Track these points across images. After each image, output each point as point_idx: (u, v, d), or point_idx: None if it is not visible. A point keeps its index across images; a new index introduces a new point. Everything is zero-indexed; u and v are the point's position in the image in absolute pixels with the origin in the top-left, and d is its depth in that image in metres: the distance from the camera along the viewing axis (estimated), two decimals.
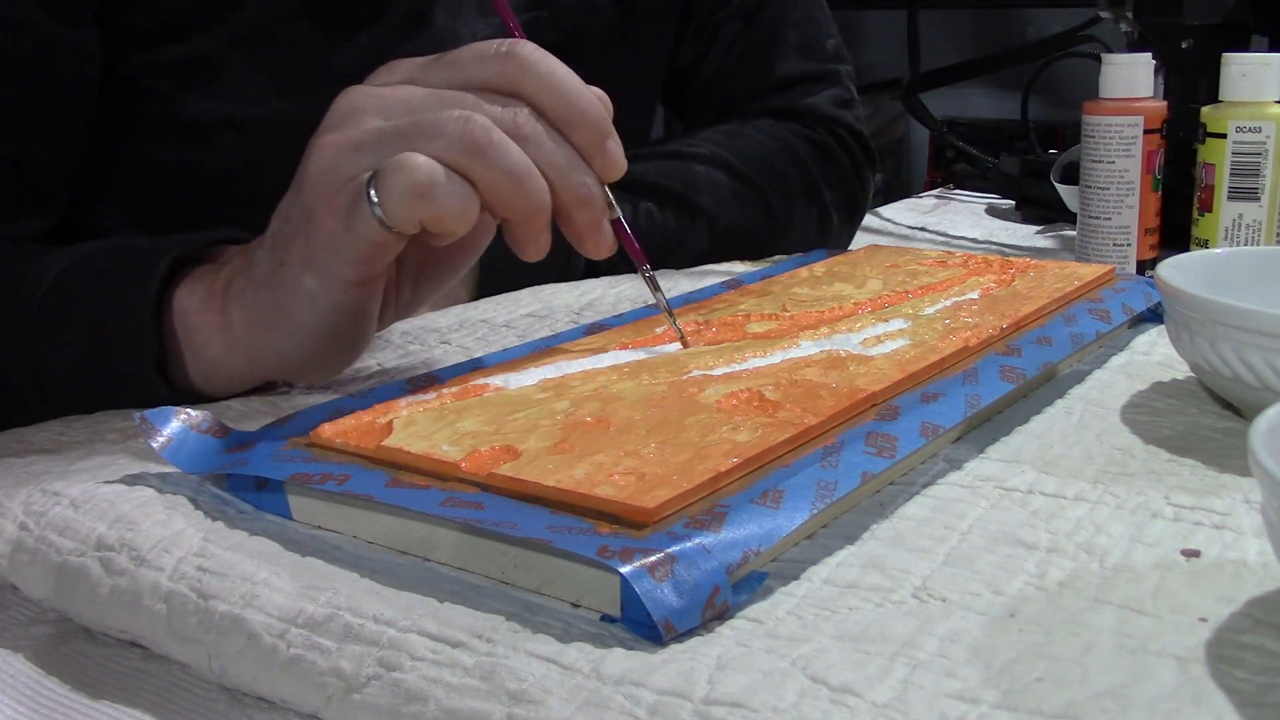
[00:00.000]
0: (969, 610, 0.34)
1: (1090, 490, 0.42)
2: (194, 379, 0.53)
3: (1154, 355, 0.58)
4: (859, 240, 0.93)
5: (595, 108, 0.48)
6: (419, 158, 0.45)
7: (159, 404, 0.45)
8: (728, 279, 0.67)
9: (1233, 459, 0.44)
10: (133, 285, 0.52)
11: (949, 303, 0.59)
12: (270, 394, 0.55)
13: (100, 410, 0.53)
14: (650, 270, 0.53)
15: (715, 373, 0.48)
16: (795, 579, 0.36)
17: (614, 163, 0.49)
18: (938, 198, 1.23)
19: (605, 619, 0.34)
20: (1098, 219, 0.77)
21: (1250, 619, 0.33)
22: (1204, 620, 0.33)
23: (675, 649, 0.32)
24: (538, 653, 0.32)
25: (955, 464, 0.45)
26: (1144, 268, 0.77)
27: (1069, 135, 1.01)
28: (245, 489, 0.42)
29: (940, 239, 1.01)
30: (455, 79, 0.47)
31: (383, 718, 0.32)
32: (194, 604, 0.36)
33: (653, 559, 0.33)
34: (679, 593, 0.33)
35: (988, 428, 0.49)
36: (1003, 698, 0.30)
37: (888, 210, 1.16)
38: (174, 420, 0.44)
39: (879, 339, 0.52)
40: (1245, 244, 0.73)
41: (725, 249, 0.82)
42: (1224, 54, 0.73)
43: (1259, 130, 0.71)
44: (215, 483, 0.43)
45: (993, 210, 1.12)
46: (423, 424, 0.42)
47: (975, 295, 0.60)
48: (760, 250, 0.83)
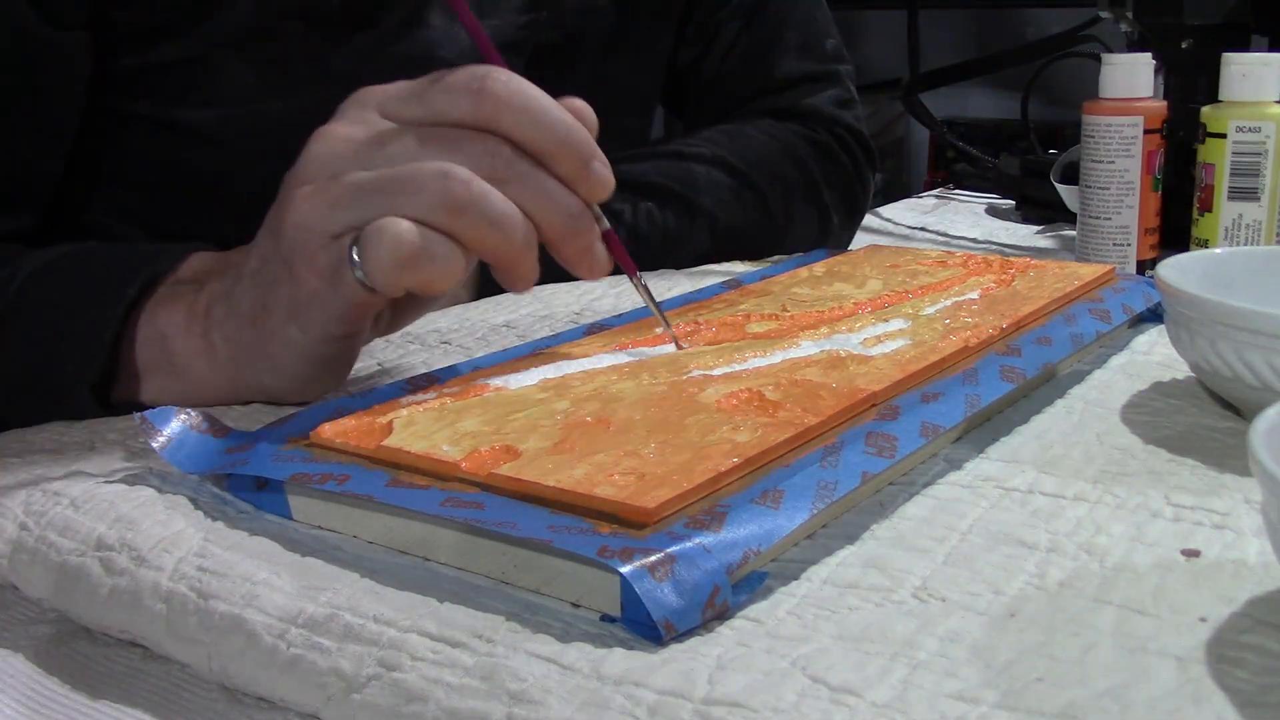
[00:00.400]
0: (969, 610, 0.34)
1: (1090, 490, 0.42)
2: (167, 398, 0.52)
3: (1154, 355, 0.58)
4: (859, 240, 0.93)
5: (576, 133, 0.47)
6: (401, 225, 0.44)
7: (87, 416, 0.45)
8: (728, 279, 0.67)
9: (1233, 459, 0.44)
10: (98, 305, 0.52)
11: (949, 303, 0.59)
12: None
13: (38, 423, 0.53)
14: (643, 278, 0.52)
15: (715, 373, 0.48)
16: (795, 579, 0.36)
17: (601, 184, 0.48)
18: (938, 198, 1.24)
19: (605, 619, 0.34)
20: (1098, 219, 0.77)
21: (1250, 619, 0.33)
22: (1204, 620, 0.33)
23: (675, 649, 0.32)
24: (538, 653, 0.32)
25: (955, 464, 0.45)
26: (1144, 268, 0.77)
27: (1069, 135, 1.01)
28: (245, 489, 0.42)
29: (940, 239, 1.01)
30: (428, 116, 0.46)
31: (383, 718, 0.32)
32: (194, 604, 0.36)
33: (653, 559, 0.33)
34: (679, 593, 0.33)
35: (988, 428, 0.49)
36: (1003, 698, 0.30)
37: (888, 210, 1.16)
38: (174, 420, 0.44)
39: (879, 339, 0.52)
40: (1245, 244, 0.73)
41: (725, 249, 0.82)
42: (1224, 54, 0.73)
43: (1259, 130, 0.71)
44: (215, 483, 0.43)
45: (993, 210, 1.12)
46: (423, 424, 0.42)
47: (975, 295, 0.60)
48: (760, 250, 0.83)
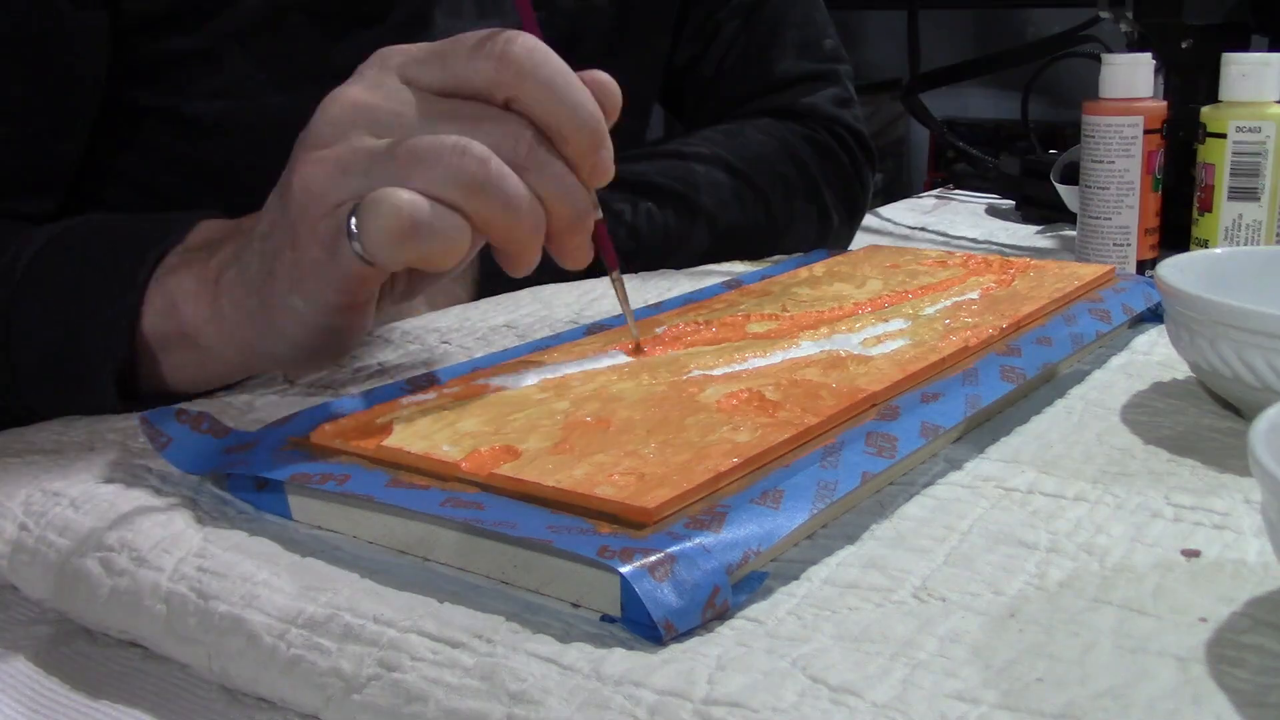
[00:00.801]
0: (969, 610, 0.34)
1: (1090, 490, 0.42)
2: (185, 372, 0.52)
3: (1154, 355, 0.58)
4: (859, 240, 0.93)
5: (593, 117, 0.45)
6: (402, 196, 0.42)
7: (110, 411, 0.44)
8: (728, 279, 0.67)
9: (1233, 459, 0.44)
10: (113, 290, 0.51)
11: (949, 303, 0.59)
12: (270, 393, 0.55)
13: (64, 413, 0.53)
14: (619, 276, 0.51)
15: (715, 373, 0.48)
16: (795, 579, 0.36)
17: (604, 170, 0.46)
18: (938, 198, 1.23)
19: (605, 619, 0.34)
20: (1098, 219, 0.77)
21: (1250, 619, 0.33)
22: (1204, 620, 0.33)
23: (675, 649, 0.32)
24: (538, 653, 0.32)
25: (955, 464, 0.45)
26: (1144, 268, 0.77)
27: (1069, 135, 1.01)
28: (245, 489, 0.42)
29: (940, 239, 1.01)
30: (448, 80, 0.45)
31: (383, 718, 0.32)
32: (194, 604, 0.36)
33: (653, 559, 0.33)
34: (679, 593, 0.33)
35: (988, 428, 0.49)
36: (1003, 698, 0.30)
37: (888, 210, 1.16)
38: (174, 420, 0.44)
39: (879, 339, 0.52)
40: (1245, 244, 0.73)
41: (725, 249, 0.82)
42: (1224, 54, 0.73)
43: (1259, 130, 0.71)
44: (215, 483, 0.43)
45: (993, 210, 1.12)
46: (423, 424, 0.42)
47: (975, 295, 0.60)
48: (760, 250, 0.83)
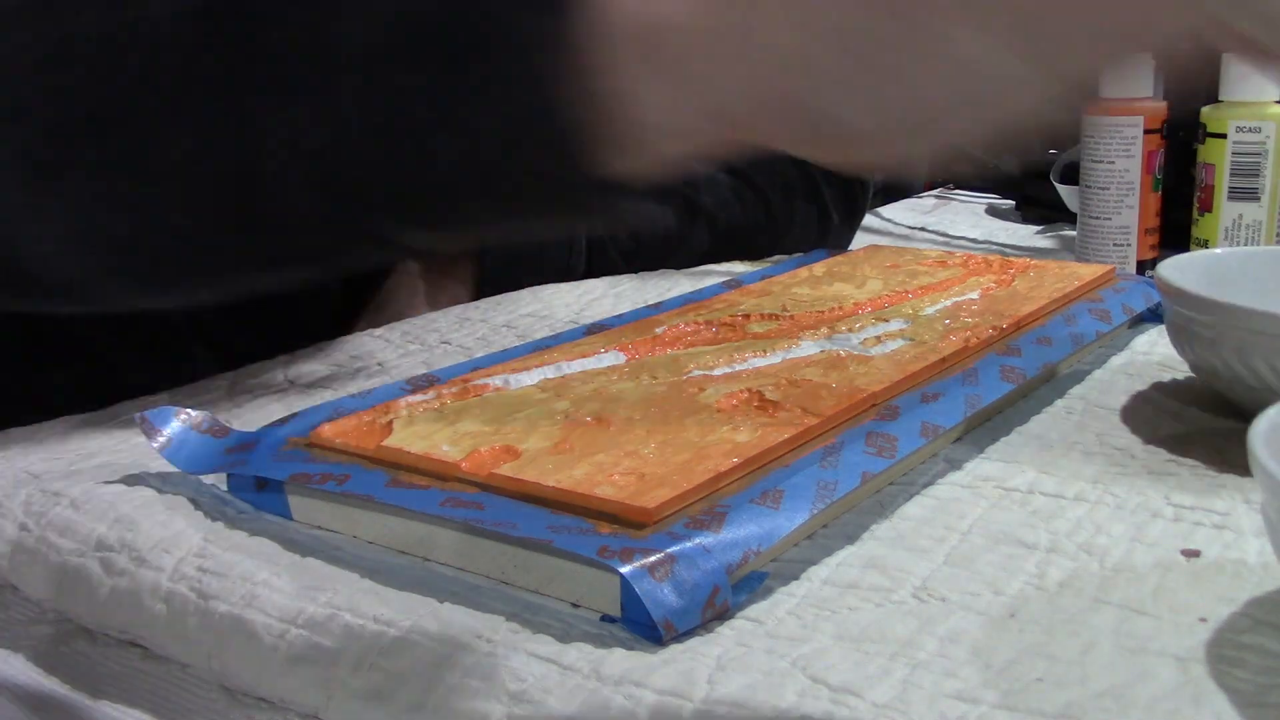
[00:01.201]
0: (969, 610, 0.34)
1: (1090, 490, 0.42)
2: (653, 112, 0.33)
3: (1154, 355, 0.58)
4: (859, 240, 0.93)
5: None
6: None
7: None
8: (728, 279, 0.67)
9: (1233, 459, 0.44)
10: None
11: (949, 303, 0.59)
12: (270, 393, 0.55)
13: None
14: None
15: (715, 373, 0.48)
16: (795, 579, 0.36)
17: None
18: (938, 198, 1.23)
19: (605, 619, 0.34)
20: (1098, 219, 0.77)
21: (1250, 619, 0.33)
22: (1204, 620, 0.33)
23: (675, 649, 0.32)
24: (538, 653, 0.32)
25: (955, 464, 0.45)
26: (1144, 268, 0.77)
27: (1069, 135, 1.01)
28: (245, 489, 0.42)
29: (940, 239, 1.01)
30: None
31: (383, 718, 0.32)
32: (194, 604, 0.36)
33: (653, 559, 0.33)
34: (679, 593, 0.33)
35: (988, 428, 0.49)
36: (1003, 698, 0.30)
37: (888, 210, 1.16)
38: (174, 420, 0.44)
39: (879, 339, 0.52)
40: (1245, 244, 0.73)
41: (725, 248, 0.82)
42: (1224, 54, 0.73)
43: (1259, 130, 0.71)
44: (215, 483, 0.43)
45: (993, 210, 1.12)
46: (423, 424, 0.42)
47: (975, 295, 0.60)
48: (760, 250, 0.83)
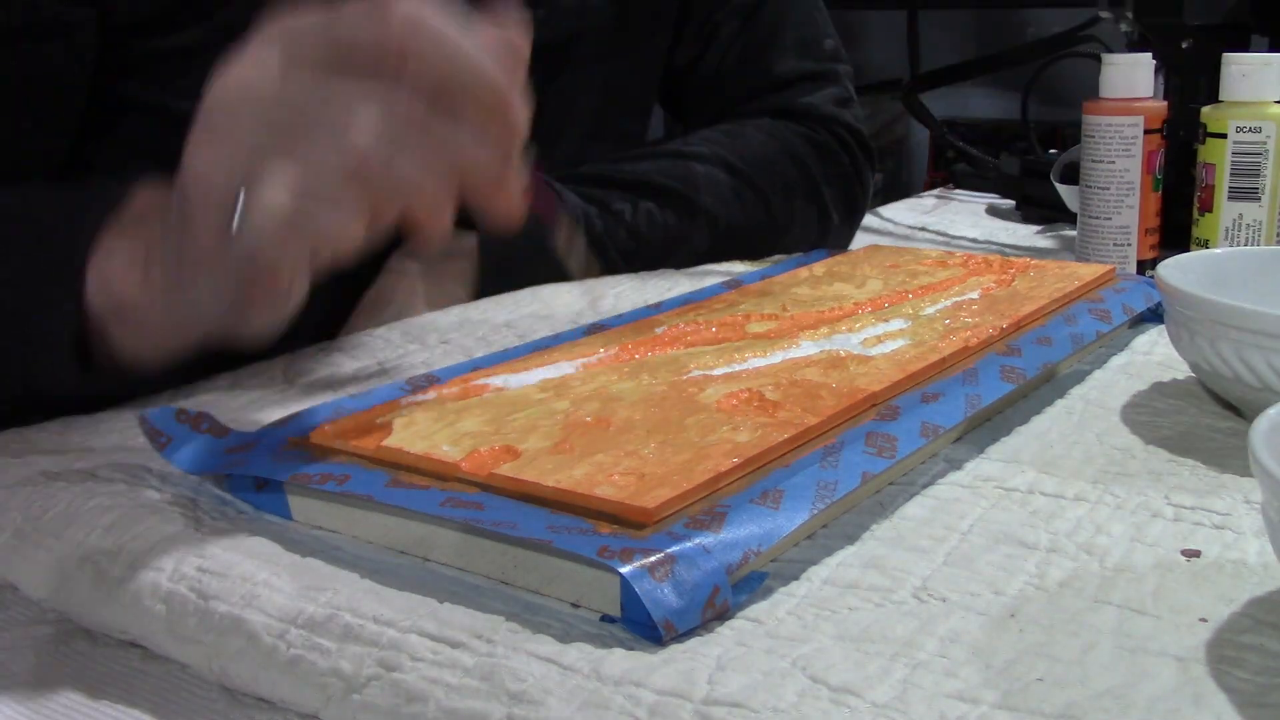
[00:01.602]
0: (969, 610, 0.34)
1: (1090, 490, 0.42)
2: (131, 342, 0.49)
3: (1154, 355, 0.58)
4: (859, 240, 0.93)
5: (489, 71, 0.42)
6: (280, 194, 0.40)
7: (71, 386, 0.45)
8: (728, 279, 0.67)
9: (1233, 459, 0.44)
10: (52, 285, 0.49)
11: (949, 303, 0.59)
12: (270, 393, 0.55)
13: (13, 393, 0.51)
14: (565, 217, 0.47)
15: (715, 373, 0.48)
16: (795, 579, 0.36)
17: (515, 127, 0.43)
18: (938, 198, 1.23)
19: (605, 619, 0.34)
20: (1098, 219, 0.77)
21: (1250, 619, 0.33)
22: (1204, 620, 0.33)
23: (675, 649, 0.32)
24: (538, 653, 0.32)
25: (955, 464, 0.45)
26: (1144, 268, 0.77)
27: (1069, 135, 1.01)
28: (245, 489, 0.42)
29: (940, 239, 1.01)
30: (336, 49, 0.41)
31: (383, 718, 0.32)
32: (194, 604, 0.36)
33: (653, 559, 0.33)
34: (679, 593, 0.33)
35: (988, 428, 0.49)
36: (1003, 698, 0.30)
37: (888, 210, 1.16)
38: (174, 420, 0.44)
39: (879, 339, 0.52)
40: (1245, 244, 0.73)
41: (725, 248, 0.82)
42: (1224, 54, 0.73)
43: (1259, 130, 0.71)
44: (215, 483, 0.43)
45: (993, 210, 1.12)
46: (423, 424, 0.42)
47: (975, 295, 0.60)
48: (760, 250, 0.83)
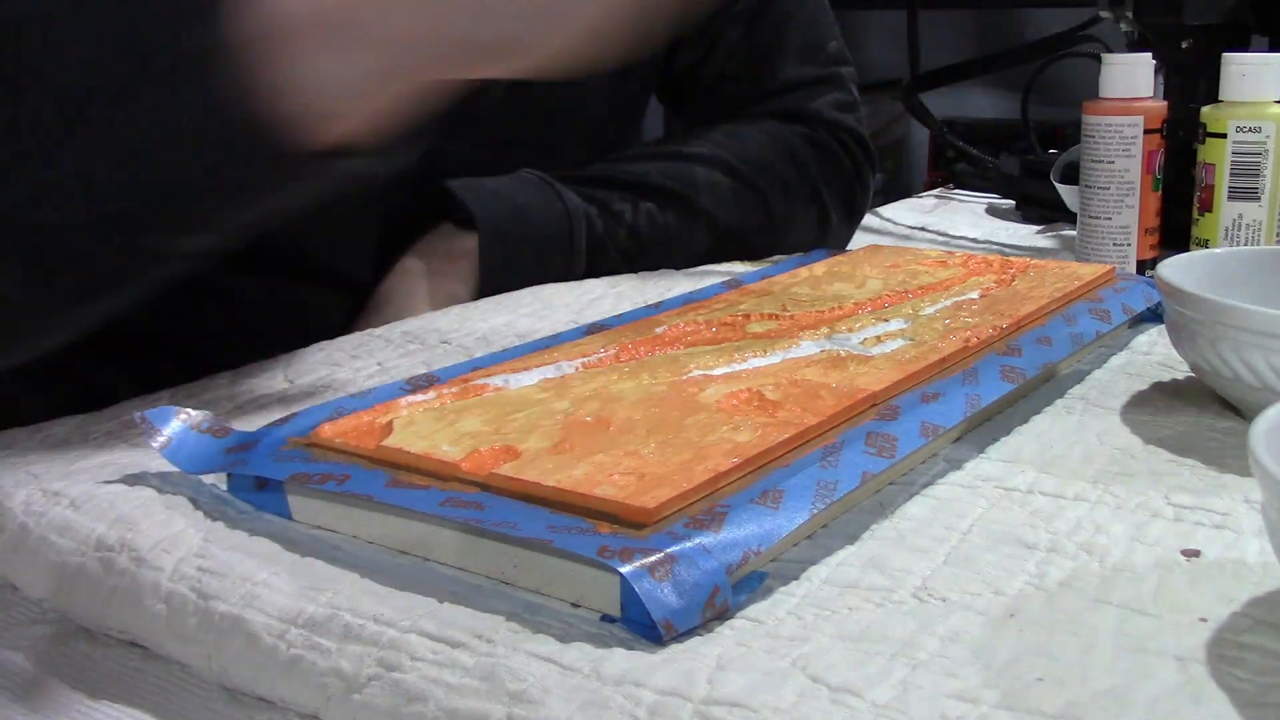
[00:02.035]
0: (969, 610, 0.34)
1: (1090, 490, 0.42)
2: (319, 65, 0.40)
3: (1154, 355, 0.58)
4: (859, 240, 0.93)
5: None
6: None
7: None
8: (728, 279, 0.67)
9: (1233, 459, 0.44)
10: None
11: (949, 303, 0.59)
12: (270, 393, 0.55)
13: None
14: None
15: (715, 373, 0.48)
16: (795, 579, 0.36)
17: None
18: (938, 198, 1.23)
19: (605, 619, 0.34)
20: (1098, 219, 0.77)
21: (1250, 619, 0.33)
22: (1204, 620, 0.33)
23: (675, 649, 0.32)
24: (538, 653, 0.32)
25: (955, 464, 0.45)
26: (1144, 268, 0.77)
27: (1069, 135, 1.01)
28: (245, 489, 0.42)
29: (940, 239, 1.01)
30: None
31: (383, 718, 0.32)
32: (194, 604, 0.36)
33: (653, 559, 0.33)
34: (679, 593, 0.33)
35: (988, 428, 0.49)
36: (1003, 698, 0.30)
37: (888, 210, 1.16)
38: (174, 420, 0.44)
39: (879, 339, 0.52)
40: (1245, 244, 0.73)
41: (725, 249, 0.82)
42: (1224, 54, 0.73)
43: (1259, 130, 0.71)
44: (215, 483, 0.43)
45: (993, 210, 1.12)
46: (423, 424, 0.42)
47: (975, 295, 0.60)
48: (760, 251, 0.83)
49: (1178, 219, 0.78)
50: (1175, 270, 0.51)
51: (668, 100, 0.97)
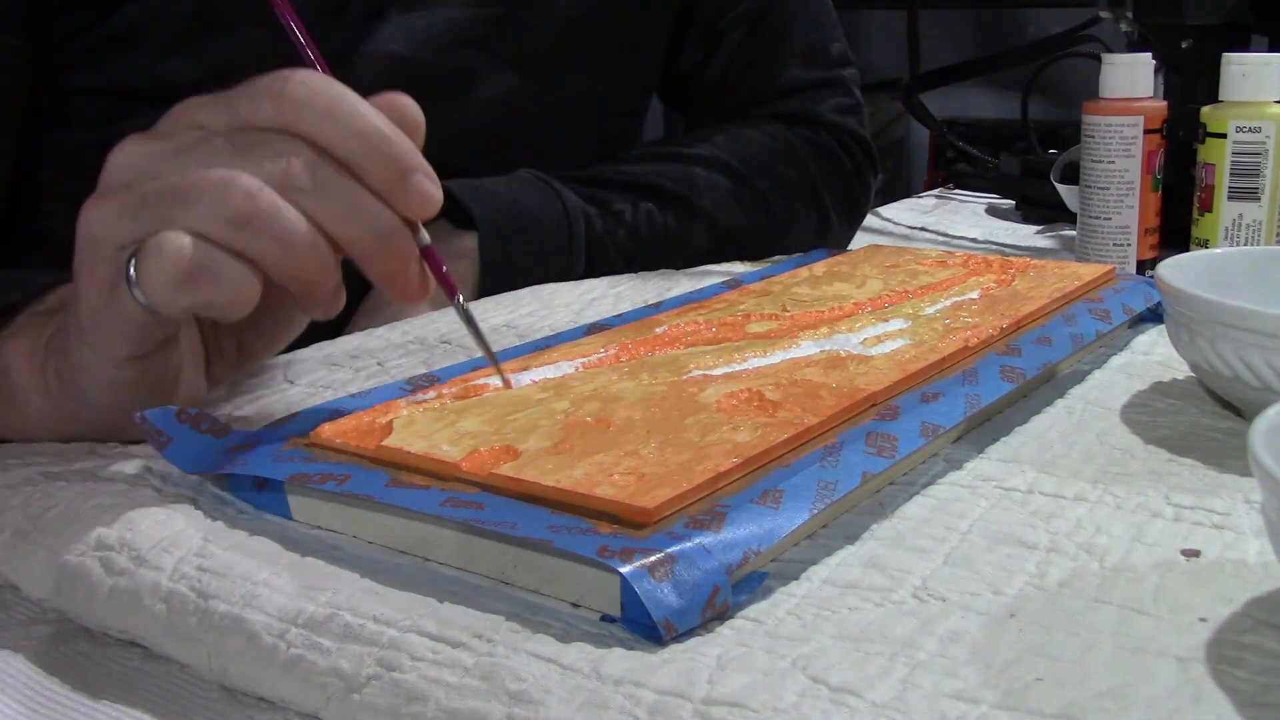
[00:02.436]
0: (969, 610, 0.34)
1: (1090, 490, 0.42)
2: (13, 434, 0.49)
3: (1154, 355, 0.58)
4: (859, 240, 0.93)
5: (389, 140, 0.41)
6: (180, 239, 0.39)
7: None
8: (728, 279, 0.67)
9: (1233, 459, 0.44)
10: None
11: (949, 303, 0.59)
12: (270, 393, 0.55)
13: None
14: (465, 303, 0.47)
15: (715, 373, 0.48)
16: (795, 579, 0.36)
17: (422, 199, 0.42)
18: (938, 198, 1.23)
19: (605, 619, 0.34)
20: (1098, 219, 0.77)
21: (1250, 619, 0.33)
22: (1204, 620, 0.33)
23: (675, 649, 0.32)
24: (538, 653, 0.32)
25: (955, 464, 0.45)
26: (1144, 268, 0.77)
27: (1069, 135, 1.01)
28: (245, 489, 0.42)
29: (940, 239, 1.01)
30: (234, 124, 0.42)
31: (383, 718, 0.32)
32: (194, 604, 0.36)
33: (653, 559, 0.33)
34: (679, 593, 0.33)
35: (988, 428, 0.49)
36: (1003, 698, 0.30)
37: (888, 210, 1.16)
38: (174, 420, 0.44)
39: (879, 339, 0.52)
40: (1245, 244, 0.73)
41: (725, 250, 0.82)
42: (1224, 54, 0.73)
43: (1259, 130, 0.71)
44: (215, 483, 0.43)
45: (993, 210, 1.12)
46: (423, 424, 0.42)
47: (975, 295, 0.60)
48: (760, 251, 0.83)
49: (1178, 219, 0.78)
50: (1175, 270, 0.51)
51: (670, 101, 0.96)
